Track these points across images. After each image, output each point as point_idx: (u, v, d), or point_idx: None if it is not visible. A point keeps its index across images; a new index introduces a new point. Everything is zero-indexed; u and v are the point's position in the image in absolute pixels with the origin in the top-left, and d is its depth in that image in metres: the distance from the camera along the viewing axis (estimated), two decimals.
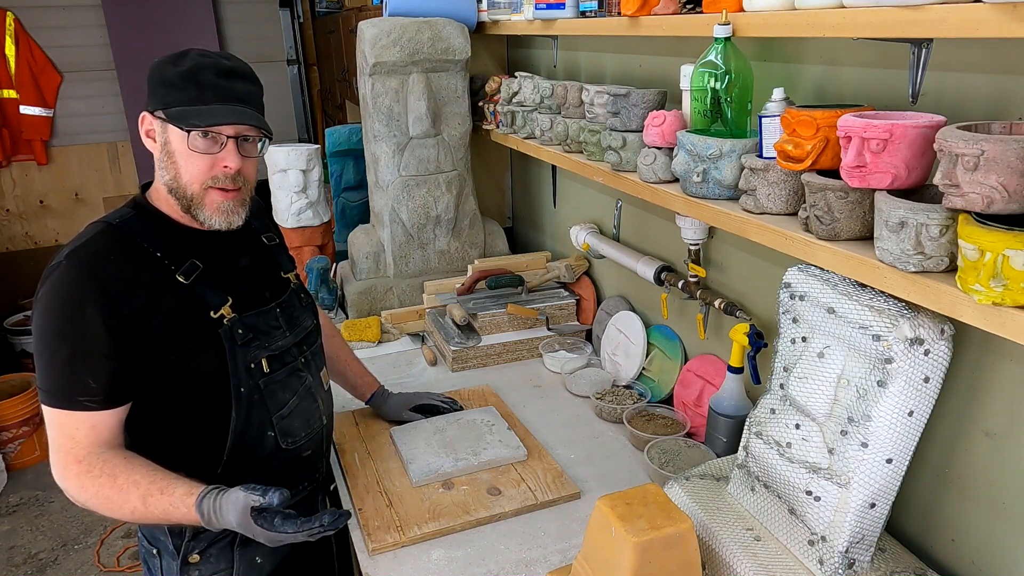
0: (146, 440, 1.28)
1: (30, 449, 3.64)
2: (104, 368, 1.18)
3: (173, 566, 1.35)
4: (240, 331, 1.28)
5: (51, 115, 4.89)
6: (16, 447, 3.60)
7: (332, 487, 1.65)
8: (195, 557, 1.34)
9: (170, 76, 1.21)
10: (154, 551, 1.38)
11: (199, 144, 1.21)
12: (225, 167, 1.23)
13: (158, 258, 1.24)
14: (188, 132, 1.20)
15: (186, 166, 1.22)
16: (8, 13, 4.62)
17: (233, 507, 1.14)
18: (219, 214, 1.26)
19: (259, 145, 1.29)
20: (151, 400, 1.26)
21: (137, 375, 1.22)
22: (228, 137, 1.22)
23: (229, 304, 1.28)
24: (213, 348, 1.26)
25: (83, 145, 5.04)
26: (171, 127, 1.21)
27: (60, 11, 4.81)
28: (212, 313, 1.26)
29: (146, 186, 1.34)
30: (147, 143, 1.27)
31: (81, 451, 1.18)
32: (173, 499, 1.16)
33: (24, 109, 4.78)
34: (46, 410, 1.20)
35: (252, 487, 1.16)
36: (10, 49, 4.67)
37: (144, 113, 1.26)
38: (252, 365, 1.29)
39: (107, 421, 1.20)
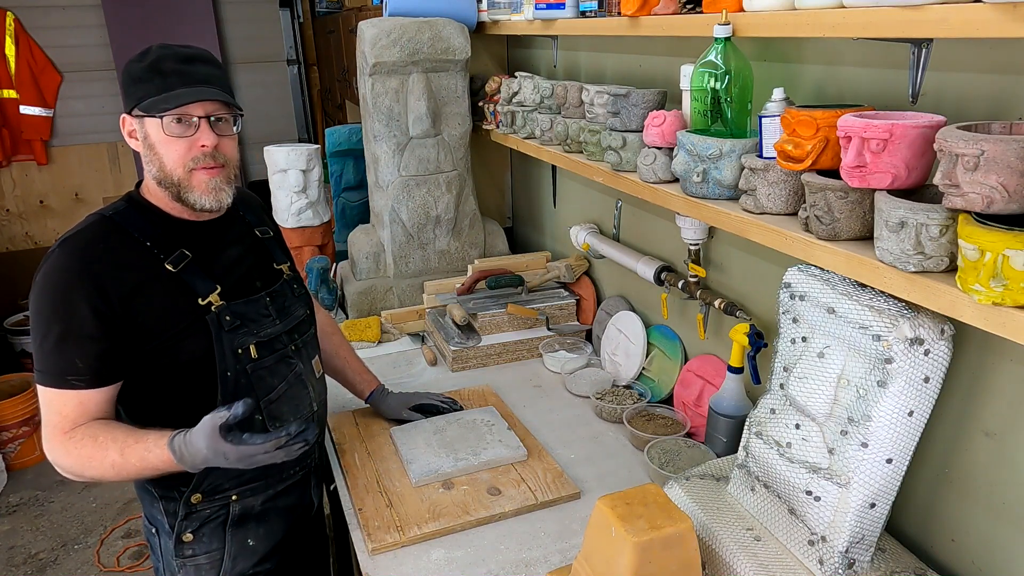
0: (134, 421, 1.31)
1: (30, 449, 3.64)
2: (91, 350, 1.23)
3: (170, 544, 1.38)
4: (228, 318, 1.32)
5: (51, 115, 4.90)
6: (16, 447, 3.60)
7: (332, 487, 1.65)
8: (188, 536, 1.37)
9: (136, 72, 1.26)
10: (153, 529, 1.42)
11: (174, 129, 1.25)
12: (203, 146, 1.27)
13: (147, 247, 1.28)
14: (161, 118, 1.24)
15: (167, 153, 1.27)
16: (8, 13, 4.62)
17: (201, 432, 1.18)
18: (208, 193, 1.30)
19: (233, 124, 1.33)
20: (140, 382, 1.30)
21: (125, 357, 1.26)
22: (200, 118, 1.26)
23: (217, 292, 1.31)
24: (200, 334, 1.29)
25: (83, 145, 5.04)
26: (147, 120, 1.26)
27: (60, 11, 4.81)
28: (200, 300, 1.29)
29: (140, 183, 1.37)
30: (131, 144, 1.32)
31: (67, 424, 1.25)
32: (147, 443, 1.21)
33: (24, 109, 4.78)
34: (39, 389, 1.26)
35: (217, 409, 1.21)
36: (10, 49, 4.67)
37: (123, 116, 1.32)
38: (239, 351, 1.33)
39: (95, 398, 1.25)
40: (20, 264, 4.84)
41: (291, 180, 2.53)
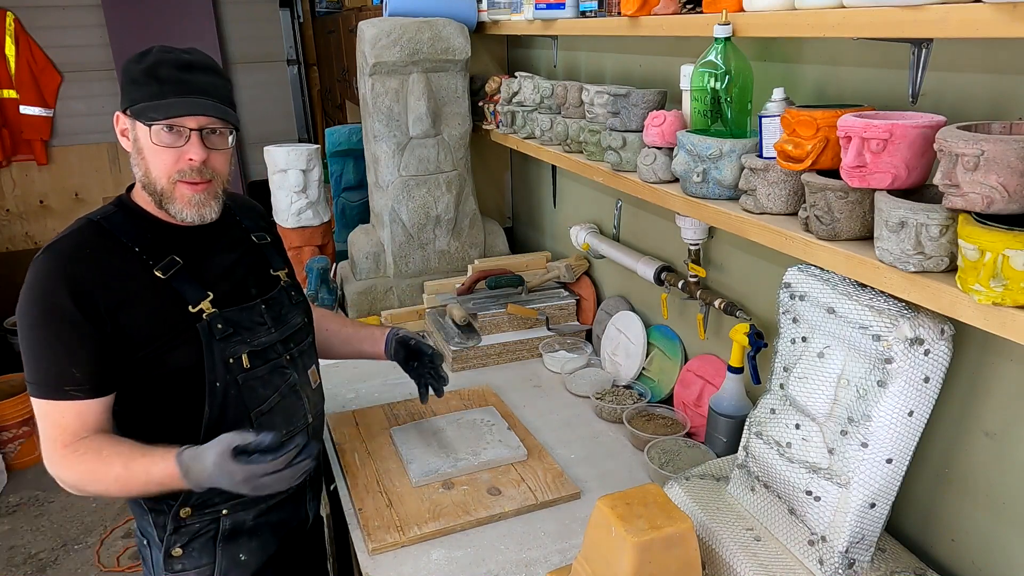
0: (120, 430, 1.29)
1: (30, 449, 3.64)
2: (85, 357, 1.20)
3: (160, 558, 1.35)
4: (219, 326, 1.29)
5: (51, 115, 4.90)
6: (16, 447, 3.60)
7: (332, 487, 1.65)
8: (177, 551, 1.34)
9: (133, 73, 1.23)
10: (145, 541, 1.39)
11: (163, 138, 1.22)
12: (190, 160, 1.24)
13: (136, 253, 1.25)
14: (150, 127, 1.21)
15: (153, 161, 1.24)
16: (8, 13, 4.62)
17: (213, 448, 1.16)
18: (190, 207, 1.27)
19: (229, 137, 1.29)
20: (126, 394, 1.27)
21: (117, 366, 1.23)
22: (191, 130, 1.23)
23: (209, 299, 1.28)
24: (191, 343, 1.26)
25: (83, 145, 5.04)
26: (138, 123, 1.23)
27: (60, 11, 4.81)
28: (190, 308, 1.27)
29: (132, 186, 1.35)
30: (122, 142, 1.29)
31: (68, 437, 1.21)
32: (153, 457, 1.18)
33: (24, 109, 4.78)
34: (35, 402, 1.22)
35: (240, 430, 1.19)
36: (10, 49, 4.67)
37: (117, 113, 1.28)
38: (231, 360, 1.29)
39: (93, 409, 1.22)
40: (20, 264, 4.78)
41: (291, 180, 2.52)
